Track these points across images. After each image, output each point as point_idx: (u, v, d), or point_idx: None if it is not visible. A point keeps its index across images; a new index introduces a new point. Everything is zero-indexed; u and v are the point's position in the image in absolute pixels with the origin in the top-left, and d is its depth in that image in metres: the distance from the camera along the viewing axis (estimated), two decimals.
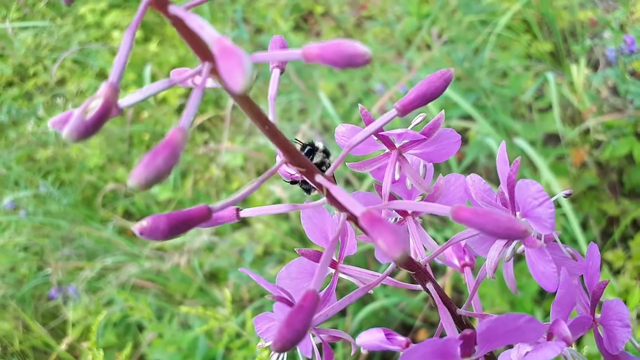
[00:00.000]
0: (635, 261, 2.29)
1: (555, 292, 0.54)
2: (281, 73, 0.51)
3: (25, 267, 2.96)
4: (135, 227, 0.40)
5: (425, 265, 0.57)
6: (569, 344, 0.47)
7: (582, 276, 0.62)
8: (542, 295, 2.29)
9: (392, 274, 0.62)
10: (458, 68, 2.76)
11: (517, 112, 2.93)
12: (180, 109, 3.79)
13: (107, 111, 0.36)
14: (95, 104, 0.36)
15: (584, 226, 2.55)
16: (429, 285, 0.56)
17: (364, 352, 0.77)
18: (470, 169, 2.83)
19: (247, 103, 0.43)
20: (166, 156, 0.34)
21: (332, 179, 0.48)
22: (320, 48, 0.36)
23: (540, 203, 0.48)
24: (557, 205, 2.36)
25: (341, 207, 0.49)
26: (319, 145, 0.70)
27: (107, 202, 3.24)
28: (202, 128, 3.48)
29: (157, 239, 0.41)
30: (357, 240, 0.66)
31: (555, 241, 0.55)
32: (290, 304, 0.53)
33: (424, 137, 0.55)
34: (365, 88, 3.30)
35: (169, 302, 2.73)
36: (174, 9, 0.38)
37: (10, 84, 3.93)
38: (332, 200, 0.49)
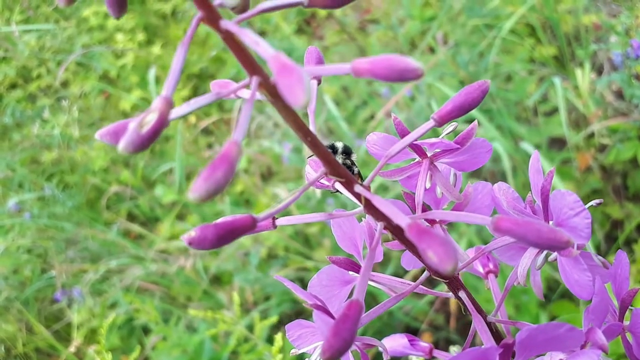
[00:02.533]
0: (639, 265, 2.30)
1: (580, 300, 0.55)
2: (318, 84, 0.52)
3: (28, 269, 2.96)
4: (184, 237, 0.41)
5: (458, 274, 0.58)
6: (605, 352, 0.48)
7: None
8: (548, 300, 2.30)
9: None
10: (463, 72, 2.78)
11: (522, 116, 2.94)
12: None
13: (163, 125, 0.37)
14: (150, 118, 0.37)
15: None
16: (462, 294, 0.57)
17: (386, 357, 0.78)
18: (475, 173, 2.84)
19: (292, 116, 0.43)
20: (225, 170, 0.34)
21: (370, 189, 0.49)
22: (370, 63, 0.37)
23: (577, 213, 0.49)
24: None
25: (379, 217, 0.49)
26: (339, 146, 0.70)
27: (111, 205, 3.24)
28: (206, 131, 3.49)
29: (205, 248, 0.41)
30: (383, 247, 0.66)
31: (589, 249, 0.56)
32: (326, 311, 0.53)
33: (457, 146, 0.56)
34: (369, 90, 3.30)
35: (173, 305, 2.74)
36: (225, 24, 0.39)
37: (13, 86, 3.93)
38: (371, 209, 0.49)
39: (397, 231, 0.50)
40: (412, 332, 2.54)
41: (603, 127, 2.59)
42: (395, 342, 0.77)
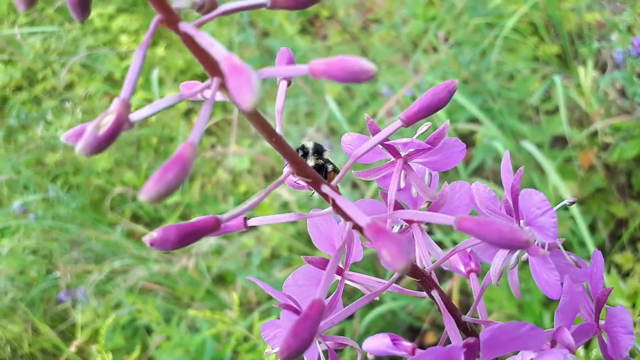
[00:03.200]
0: None
1: (559, 299, 0.55)
2: (288, 85, 0.52)
3: (34, 270, 2.98)
4: (146, 238, 0.41)
5: (430, 273, 0.58)
6: (572, 352, 0.48)
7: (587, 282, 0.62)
8: (551, 299, 2.29)
9: (398, 280, 0.63)
10: (465, 71, 2.77)
11: (524, 114, 2.92)
12: (187, 113, 3.81)
13: (120, 127, 0.37)
14: (107, 120, 0.37)
15: (593, 228, 2.54)
16: (434, 293, 0.57)
17: (370, 357, 0.78)
18: (477, 172, 2.83)
19: (254, 116, 0.44)
20: (176, 171, 0.35)
21: (337, 189, 0.49)
22: (326, 64, 0.37)
23: (544, 212, 0.49)
24: (565, 208, 2.36)
25: (346, 217, 0.49)
26: (309, 145, 0.70)
27: (115, 206, 3.26)
28: (209, 132, 3.50)
29: (167, 249, 0.42)
30: (363, 247, 0.67)
31: (560, 248, 0.56)
32: (297, 311, 0.54)
33: (429, 146, 0.56)
34: (372, 90, 3.30)
35: (177, 304, 2.75)
36: (184, 27, 0.39)
37: (19, 88, 3.96)
38: (338, 209, 0.49)
39: (363, 230, 0.50)
40: (415, 331, 2.55)
41: (606, 125, 2.58)
42: (378, 342, 0.77)
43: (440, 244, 1.97)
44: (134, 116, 0.43)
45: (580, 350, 1.28)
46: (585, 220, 2.45)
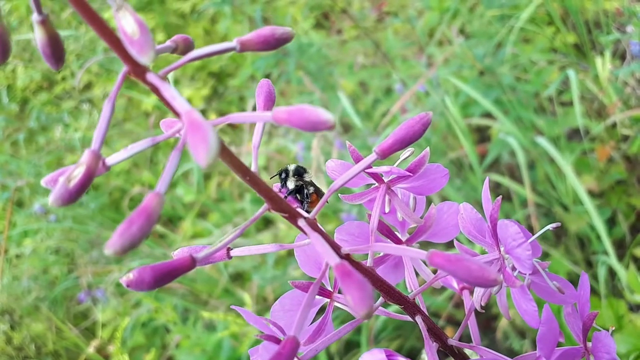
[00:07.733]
0: None
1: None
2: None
3: (56, 269, 3.05)
4: (123, 279, 0.43)
5: (414, 298, 0.58)
6: None
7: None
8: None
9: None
10: (479, 64, 2.74)
11: (541, 106, 2.89)
12: (204, 112, 3.84)
13: (89, 179, 0.38)
14: (77, 172, 0.38)
15: (613, 221, 2.51)
16: (418, 318, 0.57)
17: None
18: (492, 166, 2.80)
19: (227, 156, 0.44)
20: (141, 224, 0.36)
21: (315, 223, 0.50)
22: (287, 113, 0.38)
23: (519, 244, 0.49)
24: (580, 203, 2.33)
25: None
26: (290, 168, 0.71)
27: (134, 205, 3.31)
28: (222, 131, 3.52)
29: (144, 290, 0.43)
30: None
31: (543, 275, 0.56)
32: (278, 341, 0.54)
33: (409, 174, 0.56)
34: (386, 85, 3.29)
35: (196, 302, 2.79)
36: (150, 78, 0.40)
37: (38, 90, 4.03)
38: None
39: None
40: None
41: (626, 117, 2.53)
42: (373, 357, 0.78)
43: None
44: (111, 160, 0.44)
45: None
46: (604, 213, 2.42)
